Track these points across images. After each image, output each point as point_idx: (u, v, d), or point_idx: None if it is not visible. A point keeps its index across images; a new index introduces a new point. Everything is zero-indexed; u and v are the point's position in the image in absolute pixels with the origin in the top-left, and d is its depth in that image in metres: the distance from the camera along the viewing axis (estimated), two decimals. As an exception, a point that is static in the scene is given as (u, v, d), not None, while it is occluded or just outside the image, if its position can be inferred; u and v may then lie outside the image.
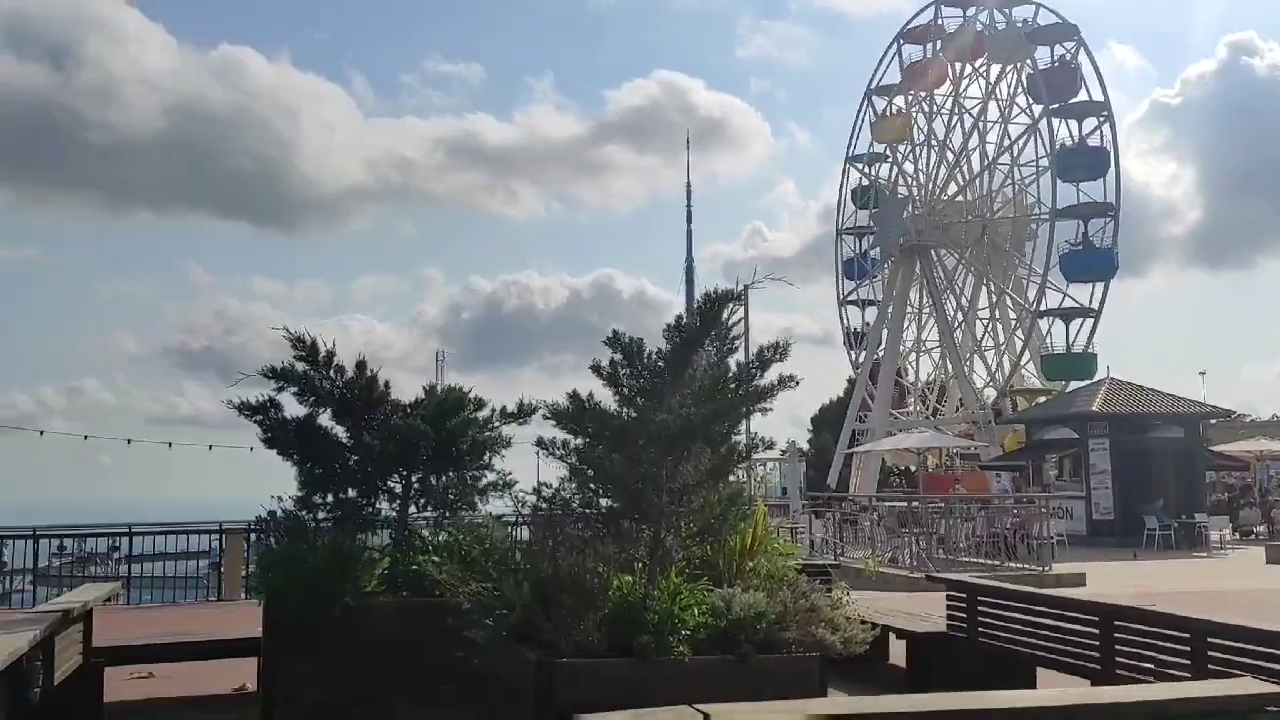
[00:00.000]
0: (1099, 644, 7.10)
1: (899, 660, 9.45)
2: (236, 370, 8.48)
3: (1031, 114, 58.67)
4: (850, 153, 67.20)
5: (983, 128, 60.29)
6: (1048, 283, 55.46)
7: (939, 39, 62.45)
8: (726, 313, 6.78)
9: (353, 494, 8.44)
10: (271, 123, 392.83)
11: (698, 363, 6.79)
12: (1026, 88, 58.67)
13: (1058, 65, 57.55)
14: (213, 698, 8.92)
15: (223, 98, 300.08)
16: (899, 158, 64.66)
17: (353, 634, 7.26)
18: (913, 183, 63.19)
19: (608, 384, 6.79)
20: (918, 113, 63.48)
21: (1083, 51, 57.48)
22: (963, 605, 8.76)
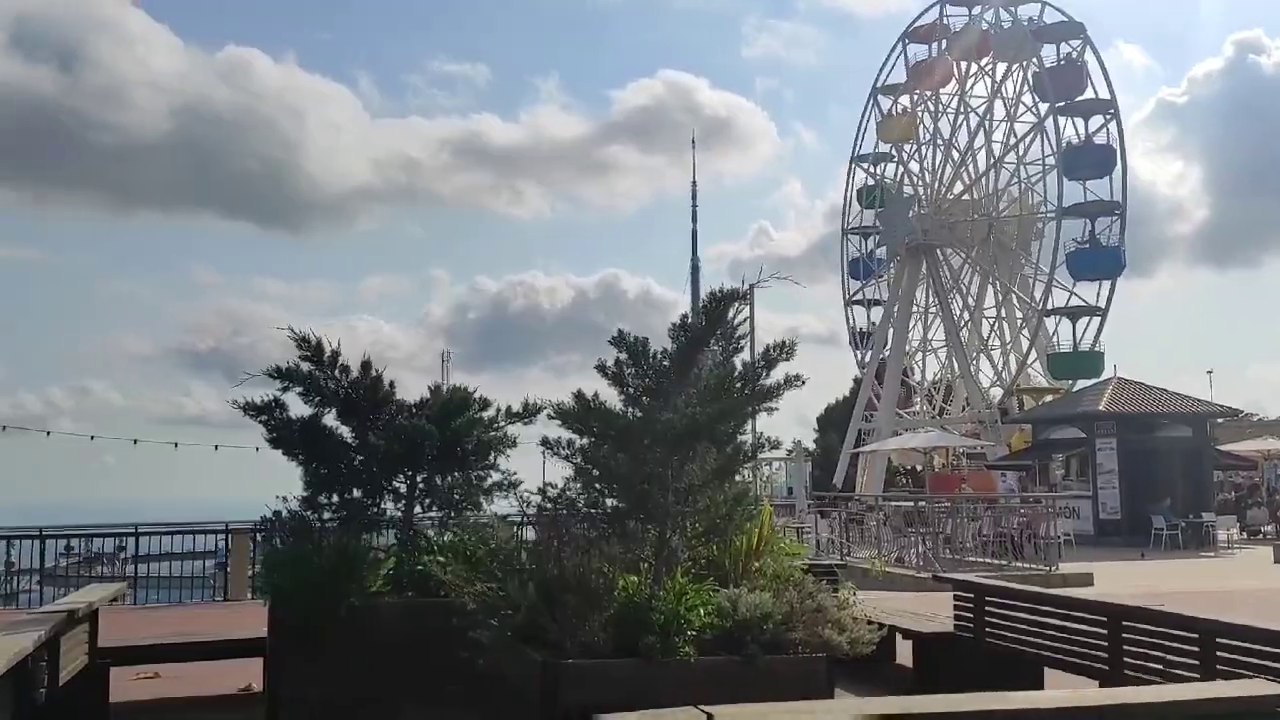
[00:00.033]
0: (1107, 644, 7.06)
1: (906, 660, 9.44)
2: (242, 371, 8.51)
3: (1037, 112, 58.42)
4: (856, 152, 67.09)
5: (988, 126, 60.03)
6: (1054, 281, 55.16)
7: (944, 38, 62.20)
8: (732, 312, 6.77)
9: (358, 494, 8.43)
10: (277, 123, 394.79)
11: (703, 362, 6.78)
12: (1032, 86, 58.41)
13: (1064, 63, 57.25)
14: (218, 698, 8.94)
15: (229, 99, 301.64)
16: (905, 157, 64.40)
17: (358, 634, 7.26)
18: (918, 182, 62.98)
19: (613, 384, 6.78)
20: (923, 112, 63.27)
21: (1089, 49, 57.21)
22: (970, 605, 8.73)
